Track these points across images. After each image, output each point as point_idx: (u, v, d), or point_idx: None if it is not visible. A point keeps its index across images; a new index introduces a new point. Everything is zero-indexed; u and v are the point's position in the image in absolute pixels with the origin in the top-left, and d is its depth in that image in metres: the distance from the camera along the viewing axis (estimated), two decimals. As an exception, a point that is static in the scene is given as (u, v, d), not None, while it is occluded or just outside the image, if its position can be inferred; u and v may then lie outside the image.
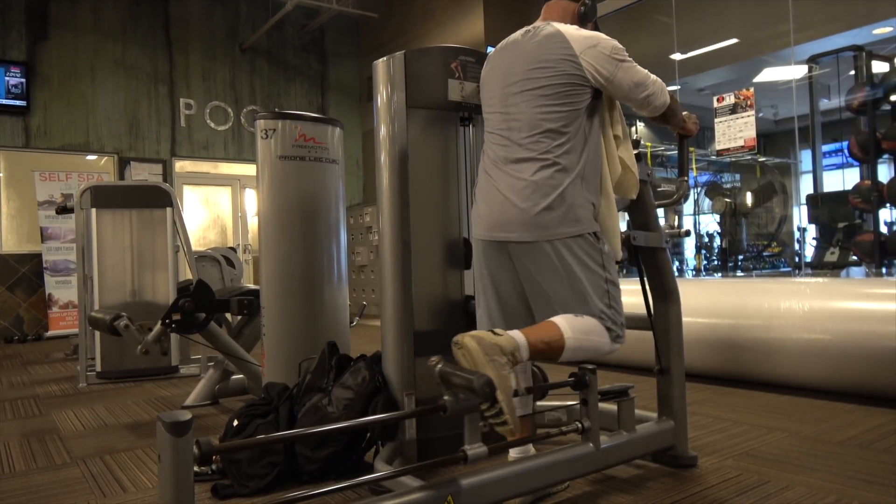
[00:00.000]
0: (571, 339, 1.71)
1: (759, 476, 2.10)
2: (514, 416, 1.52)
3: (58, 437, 2.94)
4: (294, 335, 2.92)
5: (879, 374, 2.94)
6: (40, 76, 7.55)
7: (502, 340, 1.58)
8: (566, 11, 1.97)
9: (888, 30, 6.36)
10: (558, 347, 1.70)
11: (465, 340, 1.56)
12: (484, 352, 1.53)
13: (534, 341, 1.66)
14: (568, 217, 1.81)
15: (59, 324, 7.20)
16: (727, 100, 5.91)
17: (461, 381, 1.49)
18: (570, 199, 1.81)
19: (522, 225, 1.83)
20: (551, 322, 1.74)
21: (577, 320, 1.76)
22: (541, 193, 1.81)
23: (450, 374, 1.52)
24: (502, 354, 1.56)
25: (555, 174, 1.81)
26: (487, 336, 1.57)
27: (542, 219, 1.81)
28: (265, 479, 2.12)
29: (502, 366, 1.53)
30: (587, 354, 1.80)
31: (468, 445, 1.56)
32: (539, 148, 1.83)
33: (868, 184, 6.11)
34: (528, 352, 1.64)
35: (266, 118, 2.95)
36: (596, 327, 1.79)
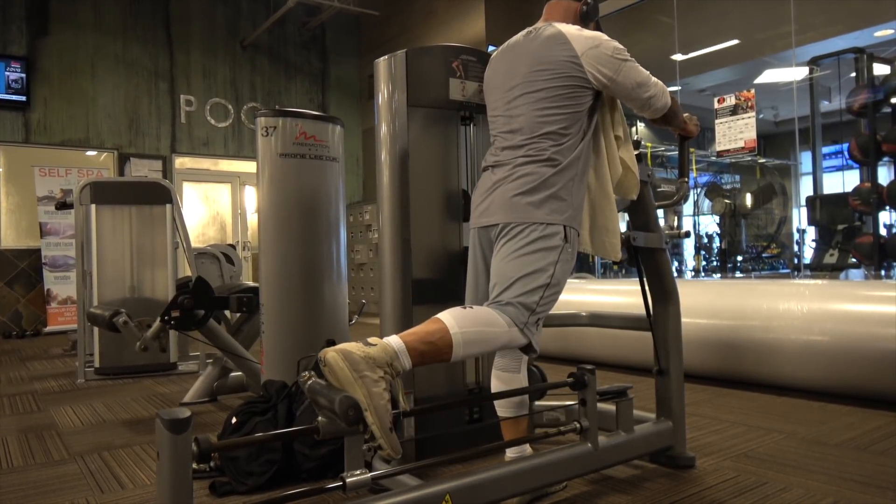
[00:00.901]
0: (459, 334, 1.57)
1: (756, 477, 2.10)
2: (389, 438, 1.36)
3: (56, 434, 2.94)
4: (293, 333, 2.92)
5: (878, 377, 2.95)
6: (41, 72, 7.54)
7: (374, 351, 1.42)
8: (568, 11, 1.96)
9: (889, 32, 6.36)
10: (445, 346, 1.55)
11: (328, 357, 1.39)
12: (351, 368, 1.37)
13: (414, 344, 1.51)
14: (546, 206, 1.78)
15: (57, 319, 7.20)
16: (728, 101, 5.91)
17: (326, 402, 1.34)
18: (553, 189, 1.79)
19: (501, 208, 1.82)
20: (435, 319, 1.60)
21: (463, 312, 1.63)
22: (525, 180, 1.80)
23: (316, 392, 1.38)
24: (375, 367, 1.40)
25: (546, 167, 1.80)
26: (356, 349, 1.41)
27: (520, 201, 1.79)
28: (263, 476, 2.12)
29: (375, 381, 1.38)
30: (482, 348, 1.66)
31: (347, 472, 1.39)
32: (539, 148, 1.83)
33: (868, 186, 6.12)
34: (408, 358, 1.48)
35: (267, 116, 2.95)
36: (487, 316, 1.66)
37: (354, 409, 1.31)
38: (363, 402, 1.35)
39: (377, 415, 1.35)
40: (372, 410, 1.35)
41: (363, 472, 1.40)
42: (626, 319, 2.54)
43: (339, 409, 1.30)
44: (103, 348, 4.34)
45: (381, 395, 1.37)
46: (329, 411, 1.35)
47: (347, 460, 1.42)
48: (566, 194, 1.81)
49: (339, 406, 1.30)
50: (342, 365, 1.37)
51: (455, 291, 2.37)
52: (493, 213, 1.85)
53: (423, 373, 2.25)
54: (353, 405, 1.31)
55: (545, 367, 2.54)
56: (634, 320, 2.37)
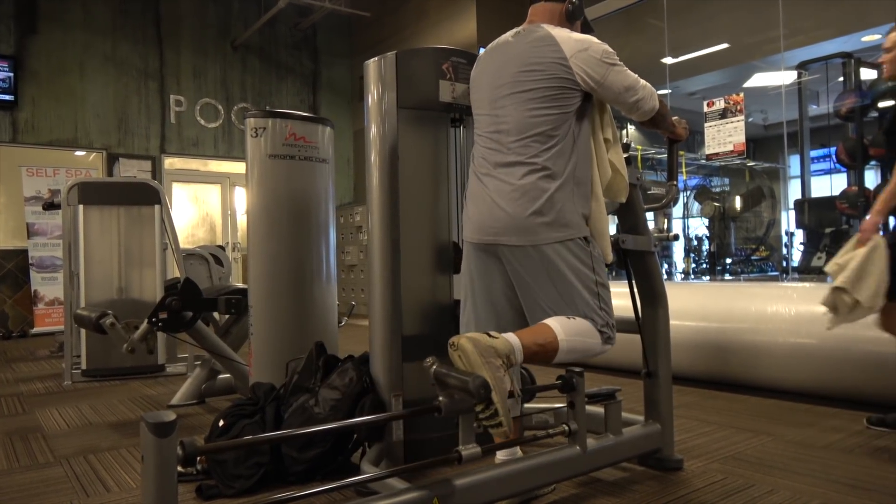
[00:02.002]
0: (565, 342, 1.72)
1: (744, 480, 2.11)
2: (509, 417, 1.52)
3: (41, 436, 2.91)
4: (282, 335, 2.91)
5: (864, 379, 2.97)
6: (29, 71, 7.47)
7: (498, 343, 1.58)
8: (553, 13, 1.97)
9: (877, 37, 6.41)
10: (552, 350, 1.70)
11: (461, 342, 1.56)
12: (480, 353, 1.53)
13: (528, 344, 1.66)
14: (557, 222, 1.81)
15: (44, 321, 7.14)
16: (717, 104, 5.94)
17: (457, 382, 1.49)
18: (559, 203, 1.81)
19: (512, 229, 1.84)
20: (544, 324, 1.75)
21: (569, 322, 1.77)
22: (528, 198, 1.82)
23: (445, 374, 1.53)
24: (497, 357, 1.55)
25: (542, 179, 1.81)
26: (483, 338, 1.57)
27: (531, 223, 1.81)
28: (251, 479, 2.10)
29: (497, 368, 1.53)
30: (580, 356, 1.81)
31: (462, 446, 1.55)
32: (527, 152, 1.83)
33: (855, 190, 6.16)
34: (522, 354, 1.64)
35: (256, 116, 2.94)
36: (588, 329, 1.80)
37: (485, 388, 1.47)
38: (490, 383, 1.49)
39: (501, 396, 1.50)
40: (497, 391, 1.49)
41: (475, 447, 1.55)
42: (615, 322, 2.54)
43: (473, 387, 1.45)
44: (90, 350, 4.30)
45: (503, 380, 1.53)
46: (460, 390, 1.48)
47: (462, 436, 1.57)
48: (571, 206, 1.84)
49: (473, 383, 1.46)
50: (472, 349, 1.53)
51: (444, 290, 2.37)
52: (504, 233, 1.86)
53: (413, 374, 2.25)
54: (484, 384, 1.47)
55: (534, 368, 2.54)
56: (623, 323, 2.37)
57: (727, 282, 7.25)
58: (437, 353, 1.64)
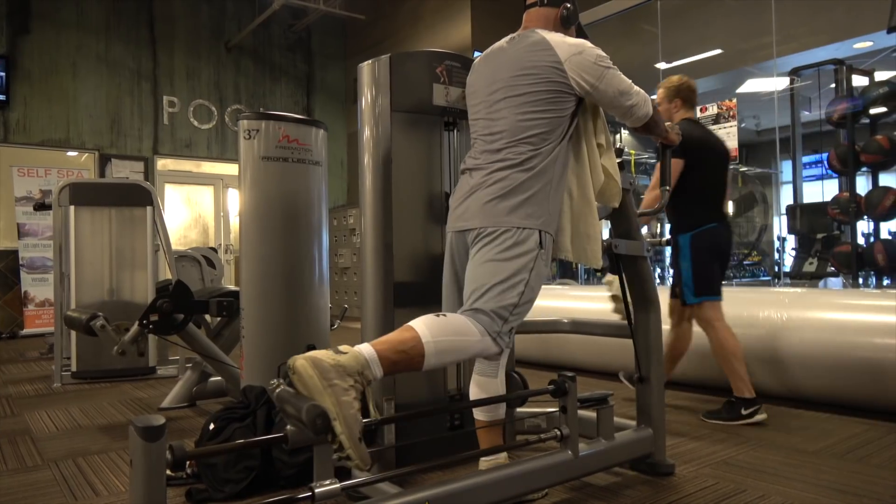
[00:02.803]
0: (431, 344, 1.56)
1: (735, 485, 2.11)
2: (359, 448, 1.32)
3: (30, 439, 2.88)
4: (274, 337, 2.89)
5: (855, 385, 2.98)
6: (21, 70, 7.43)
7: (345, 359, 1.40)
8: (548, 18, 1.97)
9: (868, 44, 6.46)
10: (417, 354, 1.54)
11: (297, 364, 1.36)
12: (321, 376, 1.33)
13: (386, 353, 1.49)
14: (520, 210, 1.78)
15: (34, 322, 7.08)
16: (710, 110, 5.97)
17: (293, 411, 1.31)
18: (527, 193, 1.80)
19: (476, 213, 1.83)
20: (408, 327, 1.59)
21: (437, 321, 1.61)
22: (500, 185, 1.81)
23: (284, 400, 1.35)
24: (346, 376, 1.37)
25: (521, 171, 1.81)
26: (326, 357, 1.38)
27: (494, 206, 1.80)
28: (241, 483, 2.09)
29: (345, 390, 1.34)
30: (454, 357, 1.67)
31: (316, 482, 1.36)
32: (517, 151, 1.83)
33: (846, 196, 6.20)
34: (380, 367, 1.47)
35: (249, 118, 2.93)
36: (460, 325, 1.65)
37: (322, 418, 1.28)
38: (332, 410, 1.31)
39: (346, 424, 1.31)
40: (341, 419, 1.31)
41: (333, 482, 1.36)
42: (607, 327, 2.55)
43: (307, 418, 1.26)
44: (80, 352, 4.27)
45: (351, 405, 1.34)
46: (297, 420, 1.30)
47: (317, 470, 1.38)
48: (542, 199, 1.81)
49: (307, 415, 1.26)
50: (311, 373, 1.34)
51: (437, 295, 2.36)
52: (468, 218, 1.85)
53: (404, 379, 2.24)
54: (320, 414, 1.28)
55: (526, 373, 2.54)
56: (616, 328, 2.38)
57: (719, 286, 7.26)
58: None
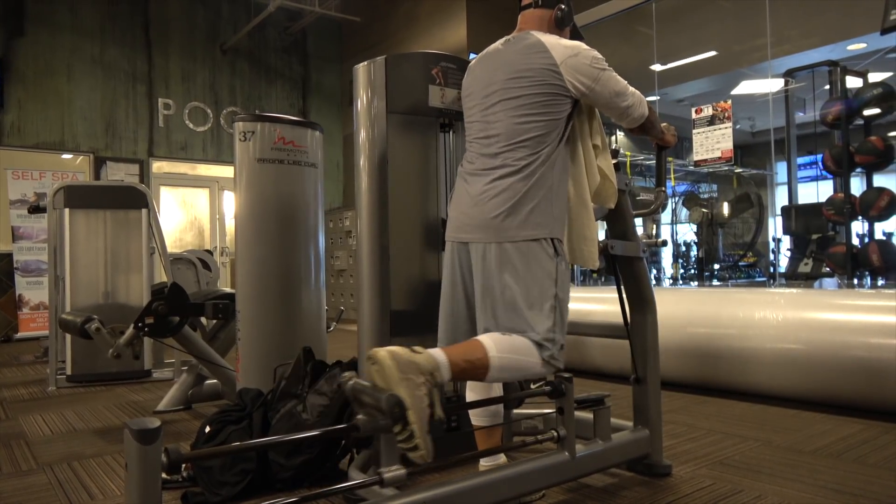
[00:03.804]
0: (496, 359, 1.64)
1: (732, 485, 2.11)
2: (426, 440, 1.41)
3: (24, 443, 2.87)
4: (269, 340, 2.89)
5: (851, 385, 2.99)
6: (15, 73, 7.41)
7: (420, 358, 1.49)
8: (543, 19, 1.97)
9: (862, 46, 6.49)
10: (482, 367, 1.63)
11: (379, 355, 1.46)
12: (399, 369, 1.43)
13: (456, 360, 1.58)
14: (528, 222, 1.78)
15: (29, 325, 7.05)
16: (705, 111, 5.98)
17: (370, 399, 1.40)
18: (532, 203, 1.79)
19: (481, 226, 1.82)
20: (476, 340, 1.68)
21: (503, 339, 1.69)
22: (503, 197, 1.80)
23: (360, 391, 1.43)
24: (419, 373, 1.46)
25: (521, 180, 1.81)
26: (404, 353, 1.48)
27: (500, 221, 1.79)
28: (237, 486, 2.08)
29: (418, 385, 1.44)
30: (515, 375, 1.74)
31: (384, 468, 1.43)
32: (514, 156, 1.83)
33: (841, 196, 6.22)
34: (449, 371, 1.55)
35: (245, 120, 2.93)
36: (524, 346, 1.71)
37: (400, 407, 1.38)
38: (407, 401, 1.40)
39: (418, 416, 1.41)
40: (415, 410, 1.41)
41: (399, 469, 1.44)
42: (603, 328, 2.55)
43: (386, 405, 1.36)
44: (75, 355, 4.25)
45: (423, 399, 1.44)
46: (373, 408, 1.39)
47: (384, 457, 1.47)
48: (546, 206, 1.81)
49: (387, 402, 1.36)
50: (391, 364, 1.44)
51: (433, 300, 2.36)
52: (473, 231, 1.85)
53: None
54: (398, 402, 1.38)
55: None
56: (612, 328, 2.38)
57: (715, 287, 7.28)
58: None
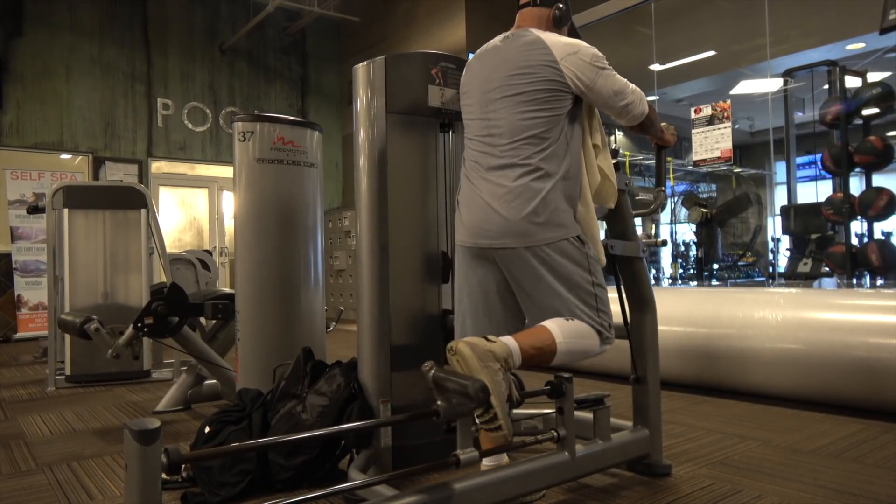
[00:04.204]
0: (563, 343, 1.73)
1: (732, 485, 2.11)
2: (508, 421, 1.52)
3: (23, 443, 2.86)
4: (269, 340, 2.88)
5: (850, 384, 2.99)
6: (14, 73, 7.40)
7: (495, 347, 1.59)
8: (541, 18, 1.97)
9: (861, 46, 6.50)
10: (550, 352, 1.72)
11: (459, 347, 1.57)
12: (478, 357, 1.53)
13: (526, 347, 1.67)
14: (551, 222, 1.81)
15: (28, 326, 7.04)
16: (704, 111, 5.98)
17: (456, 385, 1.49)
18: (553, 204, 1.81)
19: (506, 232, 1.84)
20: (542, 327, 1.76)
21: (567, 324, 1.78)
22: (523, 199, 1.81)
23: (444, 378, 1.52)
24: (495, 360, 1.56)
25: (536, 180, 1.81)
26: (481, 342, 1.58)
27: (526, 225, 1.81)
28: (237, 487, 2.08)
29: (495, 372, 1.54)
30: (578, 357, 1.82)
31: (461, 450, 1.57)
32: (520, 154, 1.83)
33: (840, 196, 6.22)
34: (520, 358, 1.65)
35: (244, 120, 2.92)
36: (585, 330, 1.81)
37: (484, 392, 1.45)
38: (489, 386, 1.48)
39: (500, 399, 1.50)
40: (496, 394, 1.50)
41: (473, 451, 1.57)
42: (603, 327, 2.54)
43: (472, 390, 1.44)
44: (75, 355, 4.25)
45: (501, 384, 1.53)
46: (460, 394, 1.47)
47: (460, 440, 1.59)
48: (564, 205, 1.84)
49: (472, 387, 1.44)
50: (471, 353, 1.53)
51: (433, 296, 2.36)
52: (499, 236, 1.85)
53: (401, 380, 2.23)
54: (483, 387, 1.45)
55: (523, 374, 2.54)
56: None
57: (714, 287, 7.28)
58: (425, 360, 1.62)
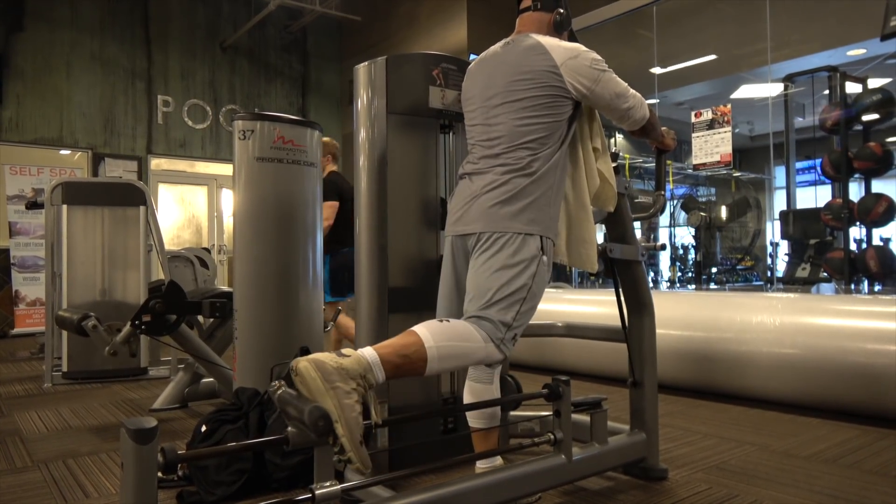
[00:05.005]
0: (434, 349, 1.56)
1: (728, 490, 2.11)
2: (360, 451, 1.34)
3: (19, 440, 2.86)
4: (267, 339, 2.88)
5: (847, 390, 2.99)
6: (14, 68, 7.39)
7: (348, 362, 1.40)
8: (542, 22, 1.97)
9: (862, 51, 6.51)
10: (419, 359, 1.54)
11: (300, 366, 1.37)
12: (323, 379, 1.35)
13: (389, 358, 1.49)
14: (523, 216, 1.78)
15: (25, 322, 7.03)
16: (705, 115, 5.99)
17: (295, 413, 1.32)
18: (529, 199, 1.79)
19: (478, 218, 1.82)
20: (411, 332, 1.60)
21: (440, 326, 1.62)
22: (503, 189, 1.80)
23: (286, 402, 1.36)
24: (348, 379, 1.38)
25: (522, 177, 1.81)
26: (329, 359, 1.39)
27: (497, 211, 1.79)
28: (233, 486, 2.08)
29: (347, 393, 1.35)
30: (457, 363, 1.67)
31: (317, 484, 1.36)
32: (516, 156, 1.83)
33: (839, 202, 6.23)
34: (382, 371, 1.47)
35: (244, 119, 2.92)
36: (464, 331, 1.65)
37: (324, 420, 1.29)
38: (334, 413, 1.32)
39: (348, 427, 1.33)
40: (343, 422, 1.32)
41: (333, 484, 1.36)
42: (601, 331, 2.55)
43: (309, 420, 1.27)
44: (72, 352, 4.24)
45: (353, 408, 1.35)
46: (298, 422, 1.31)
47: (317, 472, 1.37)
48: (543, 204, 1.81)
49: (309, 416, 1.27)
50: (314, 375, 1.35)
51: (431, 299, 2.35)
52: (470, 223, 1.84)
53: (398, 382, 2.23)
54: (322, 416, 1.29)
55: (520, 376, 2.53)
56: (610, 331, 2.38)
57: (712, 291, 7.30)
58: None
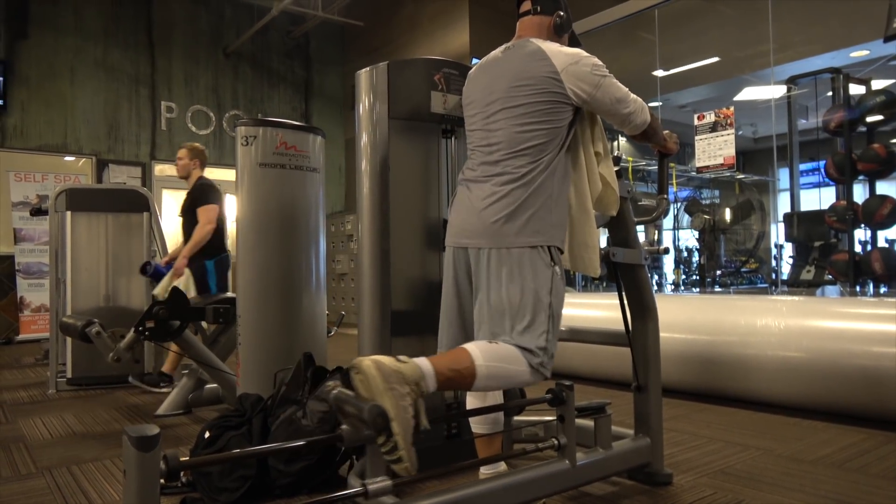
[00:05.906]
0: (483, 367, 1.62)
1: (733, 494, 2.10)
2: (411, 452, 1.37)
3: (24, 446, 2.86)
4: (270, 345, 2.88)
5: (852, 393, 2.97)
6: (18, 75, 7.43)
7: (405, 368, 1.45)
8: (542, 26, 1.97)
9: (865, 53, 6.50)
10: (469, 375, 1.60)
11: (363, 365, 1.42)
12: (383, 379, 1.40)
13: (442, 370, 1.54)
14: (527, 229, 1.78)
15: (30, 328, 7.05)
16: (708, 118, 5.98)
17: (353, 409, 1.37)
18: (531, 210, 1.79)
19: (481, 232, 1.82)
20: (462, 349, 1.66)
21: (490, 347, 1.67)
22: (503, 203, 1.80)
23: (343, 401, 1.40)
24: (404, 383, 1.42)
25: (521, 187, 1.80)
26: (389, 362, 1.44)
27: (501, 227, 1.78)
28: (236, 492, 2.07)
29: (402, 396, 1.40)
30: (502, 383, 1.72)
31: (369, 479, 1.42)
32: (515, 163, 1.82)
33: (843, 204, 6.21)
34: (435, 381, 1.52)
35: (247, 125, 2.93)
36: (512, 354, 1.69)
37: (383, 417, 1.34)
38: (391, 412, 1.37)
39: (403, 427, 1.37)
40: (399, 421, 1.37)
41: (385, 479, 1.42)
42: (605, 335, 2.54)
43: (368, 416, 1.32)
44: (76, 358, 4.25)
45: (407, 409, 1.40)
46: (356, 419, 1.36)
47: (370, 468, 1.46)
48: (545, 213, 1.80)
49: (369, 413, 1.33)
50: (375, 374, 1.40)
51: (434, 304, 2.35)
52: (473, 237, 1.84)
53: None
54: (381, 413, 1.34)
55: (524, 381, 2.53)
56: (613, 336, 2.37)
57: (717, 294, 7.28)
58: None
